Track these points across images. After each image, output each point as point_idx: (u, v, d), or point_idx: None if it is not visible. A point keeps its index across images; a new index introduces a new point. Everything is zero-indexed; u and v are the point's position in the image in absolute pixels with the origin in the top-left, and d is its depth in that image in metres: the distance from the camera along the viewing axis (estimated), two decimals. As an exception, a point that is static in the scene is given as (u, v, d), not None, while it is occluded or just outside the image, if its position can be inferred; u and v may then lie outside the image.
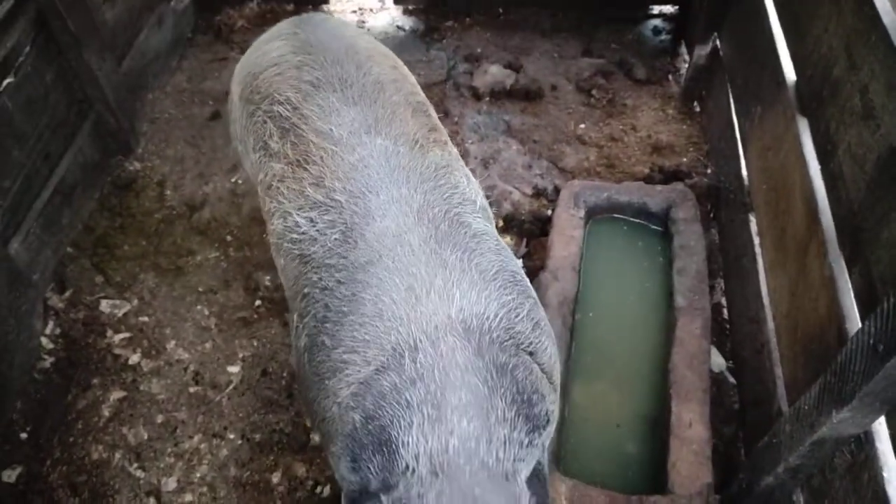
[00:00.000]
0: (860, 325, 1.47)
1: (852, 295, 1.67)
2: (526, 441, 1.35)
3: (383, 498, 1.20)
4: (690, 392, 2.11)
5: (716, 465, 2.19)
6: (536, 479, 1.37)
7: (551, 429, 1.49)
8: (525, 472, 1.33)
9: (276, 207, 1.89)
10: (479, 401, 1.32)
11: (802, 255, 1.96)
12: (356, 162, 1.72)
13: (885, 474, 1.38)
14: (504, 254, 1.70)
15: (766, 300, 2.26)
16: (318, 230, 1.71)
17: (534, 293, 1.69)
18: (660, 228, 2.71)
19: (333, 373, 1.50)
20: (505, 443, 1.30)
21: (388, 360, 1.41)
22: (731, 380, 2.52)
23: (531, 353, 1.53)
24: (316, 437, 2.43)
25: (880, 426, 1.45)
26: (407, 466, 1.25)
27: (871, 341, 1.31)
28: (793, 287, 2.02)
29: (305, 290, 1.70)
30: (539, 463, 1.41)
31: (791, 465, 1.68)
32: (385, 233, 1.61)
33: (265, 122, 1.94)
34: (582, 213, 2.68)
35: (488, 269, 1.58)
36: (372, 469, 1.32)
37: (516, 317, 1.53)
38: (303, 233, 1.75)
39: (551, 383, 1.57)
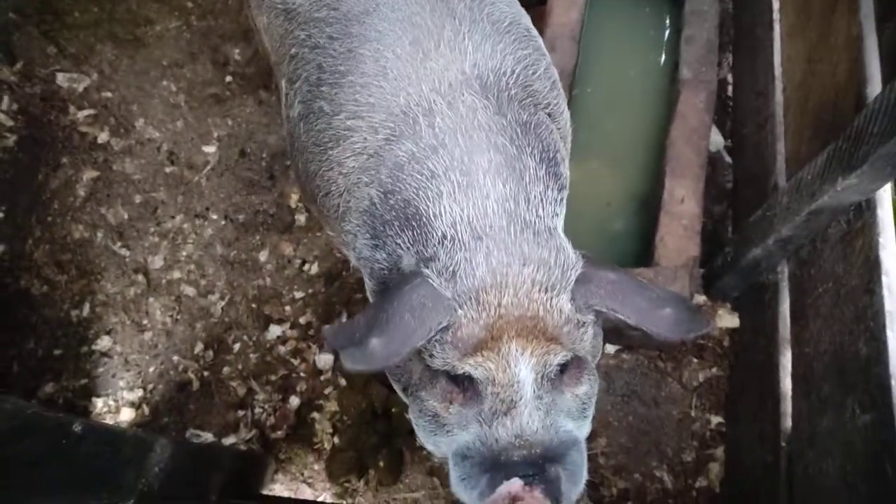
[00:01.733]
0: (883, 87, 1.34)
1: (878, 57, 1.52)
2: (559, 198, 1.30)
3: (426, 271, 1.12)
4: (686, 168, 2.03)
5: (703, 241, 2.20)
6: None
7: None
8: (561, 226, 1.29)
9: None
10: (509, 161, 1.24)
11: (829, 15, 1.76)
12: None
13: (880, 239, 1.35)
14: (515, 6, 1.52)
15: (777, 71, 2.09)
16: None
17: (546, 51, 1.53)
18: (670, -7, 2.44)
19: (336, 142, 1.37)
20: (541, 200, 1.23)
21: (399, 126, 1.29)
22: (728, 159, 2.43)
23: (549, 115, 1.42)
24: (302, 218, 2.39)
25: (884, 193, 1.38)
26: (444, 235, 1.18)
27: (898, 99, 1.19)
28: (811, 53, 1.85)
29: (293, 52, 1.53)
30: None
31: (782, 236, 1.65)
32: None
33: None
34: (584, -27, 2.38)
35: (501, 20, 1.41)
36: (402, 244, 1.24)
37: (533, 73, 1.40)
38: None
39: (566, 148, 1.48)
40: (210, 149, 2.48)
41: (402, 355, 1.08)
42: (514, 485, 1.06)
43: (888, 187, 1.37)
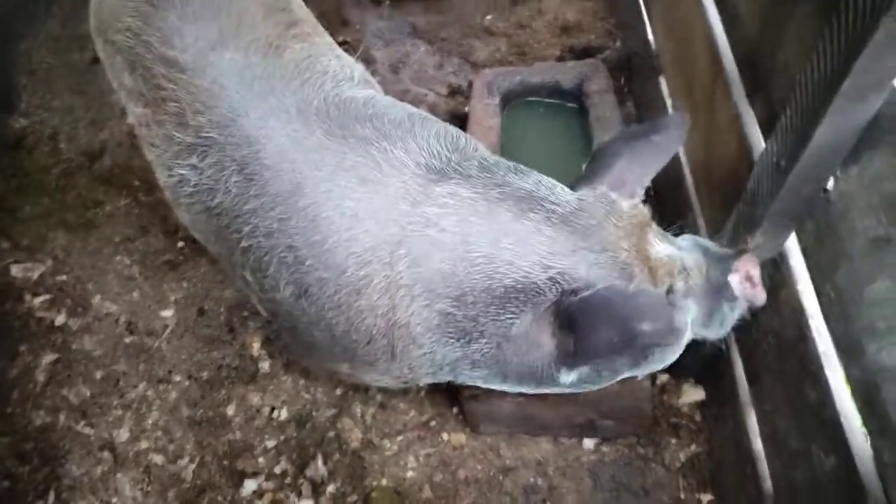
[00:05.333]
0: (765, 151, 1.50)
1: (757, 127, 1.70)
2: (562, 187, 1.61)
3: (584, 294, 1.35)
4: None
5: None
6: None
7: None
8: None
9: (155, 159, 1.72)
10: (515, 193, 1.43)
11: (710, 102, 1.98)
12: (210, 86, 1.55)
13: (799, 287, 1.45)
14: (399, 104, 1.68)
15: (682, 158, 2.29)
16: (209, 177, 1.56)
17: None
18: (575, 105, 2.69)
19: (358, 294, 1.44)
20: (552, 190, 1.50)
21: (410, 247, 1.39)
22: (661, 242, 2.58)
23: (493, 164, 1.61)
24: (266, 365, 2.40)
25: (792, 245, 1.50)
26: (551, 279, 1.37)
27: (774, 159, 1.34)
28: (704, 136, 2.05)
29: (243, 244, 1.56)
30: None
31: (718, 301, 1.74)
32: (283, 151, 1.49)
33: (115, 55, 1.73)
34: (497, 100, 2.62)
35: (402, 120, 1.56)
36: (510, 316, 1.40)
37: (454, 138, 1.58)
38: (194, 185, 1.60)
39: None
40: (168, 313, 2.52)
41: (670, 324, 1.47)
42: (734, 279, 1.48)
43: (793, 238, 1.49)
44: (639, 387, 1.96)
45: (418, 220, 1.38)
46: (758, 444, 1.69)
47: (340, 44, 1.99)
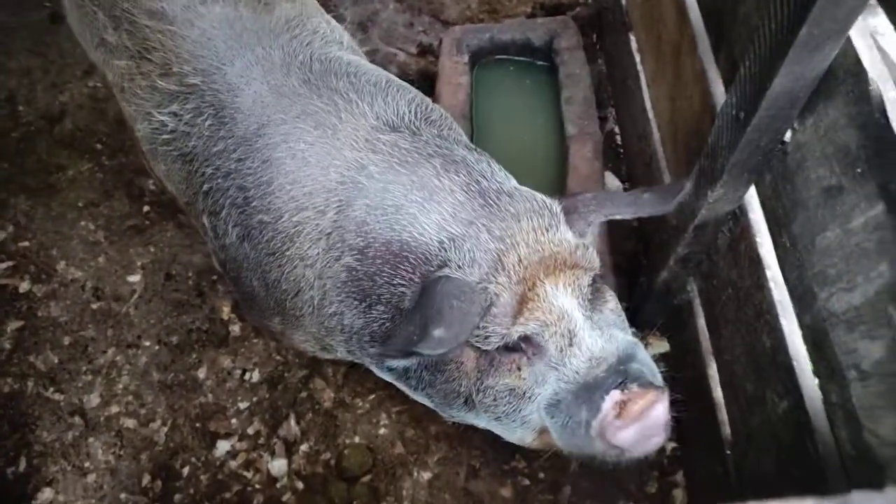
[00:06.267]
0: (727, 105, 1.51)
1: (721, 83, 1.71)
2: (500, 168, 1.46)
3: (446, 271, 1.24)
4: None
5: (619, 277, 2.31)
6: None
7: None
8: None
9: (135, 110, 1.74)
10: (448, 158, 1.38)
11: (677, 57, 1.97)
12: (198, 37, 1.59)
13: (758, 239, 1.47)
14: (382, 70, 1.68)
15: (650, 114, 2.30)
16: (186, 123, 1.60)
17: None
18: (545, 63, 2.67)
19: (291, 240, 1.45)
20: (493, 172, 1.39)
21: (342, 195, 1.38)
22: (630, 200, 2.60)
23: (453, 131, 1.60)
24: (237, 328, 2.40)
25: (752, 198, 1.52)
26: (441, 241, 1.28)
27: (734, 112, 1.35)
28: (671, 92, 2.05)
29: (205, 187, 1.60)
30: None
31: (680, 255, 1.77)
32: (259, 96, 1.53)
33: (94, 12, 1.73)
34: (466, 58, 2.60)
35: (378, 81, 1.57)
36: (402, 280, 1.32)
37: (427, 108, 1.57)
38: (172, 131, 1.64)
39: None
40: (135, 278, 2.49)
41: (465, 336, 1.20)
42: (614, 395, 1.19)
43: (753, 192, 1.51)
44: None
45: (354, 165, 1.39)
46: (718, 392, 1.74)
47: None
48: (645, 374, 1.24)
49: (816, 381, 1.29)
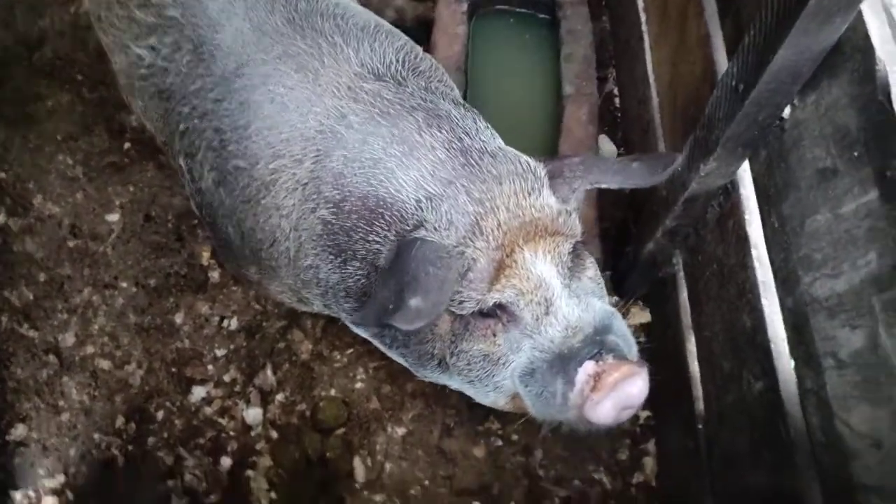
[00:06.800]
0: (728, 75, 1.45)
1: (724, 51, 1.64)
2: (487, 126, 1.40)
3: (422, 233, 1.19)
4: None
5: (609, 245, 2.28)
6: None
7: None
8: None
9: (112, 41, 1.68)
10: (432, 112, 1.32)
11: (683, 20, 1.89)
12: None
13: (746, 217, 1.43)
14: (373, 14, 1.62)
15: (651, 77, 2.22)
16: (164, 58, 1.53)
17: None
18: (547, 16, 2.57)
19: (266, 189, 1.40)
20: (478, 130, 1.34)
21: (320, 144, 1.33)
22: (623, 165, 2.54)
23: (443, 84, 1.54)
24: (216, 275, 2.36)
25: (744, 173, 1.48)
26: (418, 200, 1.23)
27: (734, 82, 1.29)
28: (674, 56, 1.98)
29: (181, 127, 1.55)
30: None
31: (668, 227, 1.73)
32: (240, 33, 1.45)
33: None
34: (465, 6, 2.49)
35: (367, 25, 1.50)
36: (377, 237, 1.28)
37: (416, 57, 1.50)
38: (149, 65, 1.57)
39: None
40: (113, 217, 2.44)
41: (444, 305, 1.15)
42: (589, 366, 1.16)
43: (746, 167, 1.47)
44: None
45: (335, 113, 1.33)
46: (695, 367, 1.73)
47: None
48: (620, 346, 1.21)
49: (792, 364, 1.27)
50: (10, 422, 2.15)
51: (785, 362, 1.29)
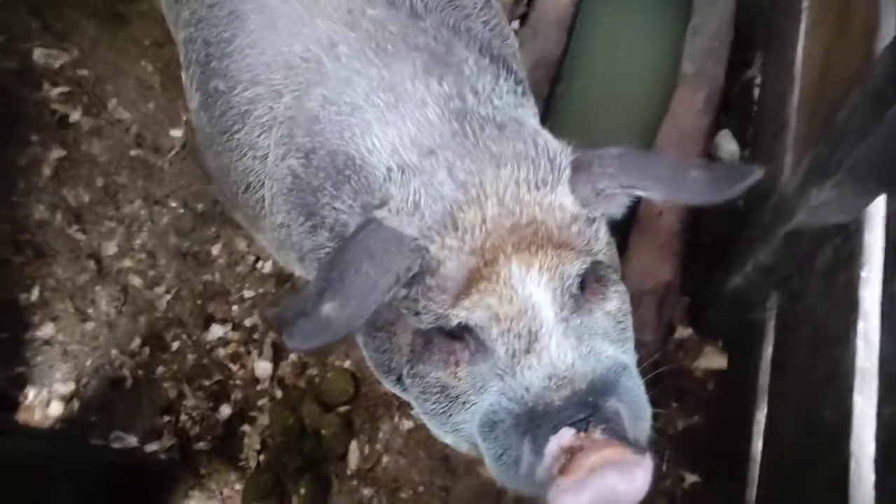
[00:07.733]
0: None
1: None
2: (518, 90, 1.09)
3: (379, 213, 0.90)
4: (674, 177, 1.73)
5: (699, 264, 1.88)
6: None
7: None
8: (534, 119, 1.07)
9: None
10: (439, 57, 1.03)
11: (846, 2, 1.44)
12: None
13: (863, 273, 1.03)
14: None
15: (797, 68, 1.76)
16: None
17: None
18: (685, -22, 2.13)
19: (242, 121, 1.20)
20: (494, 90, 1.03)
21: (302, 77, 1.09)
22: (743, 171, 2.09)
23: (486, 25, 1.22)
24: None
25: (876, 214, 1.06)
26: (389, 168, 0.95)
27: (882, 84, 0.88)
28: (830, 44, 1.52)
29: (182, 36, 1.39)
30: None
31: (762, 262, 1.34)
32: None
33: None
34: (585, -46, 2.11)
35: None
36: (343, 205, 1.02)
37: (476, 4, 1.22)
38: None
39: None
40: (177, 132, 2.36)
41: (364, 317, 0.86)
42: (565, 436, 0.82)
43: (880, 206, 1.05)
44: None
45: (325, 40, 1.07)
46: (757, 447, 1.35)
47: None
48: (620, 418, 0.85)
49: (873, 494, 0.89)
50: (42, 319, 2.16)
51: (865, 488, 0.91)
